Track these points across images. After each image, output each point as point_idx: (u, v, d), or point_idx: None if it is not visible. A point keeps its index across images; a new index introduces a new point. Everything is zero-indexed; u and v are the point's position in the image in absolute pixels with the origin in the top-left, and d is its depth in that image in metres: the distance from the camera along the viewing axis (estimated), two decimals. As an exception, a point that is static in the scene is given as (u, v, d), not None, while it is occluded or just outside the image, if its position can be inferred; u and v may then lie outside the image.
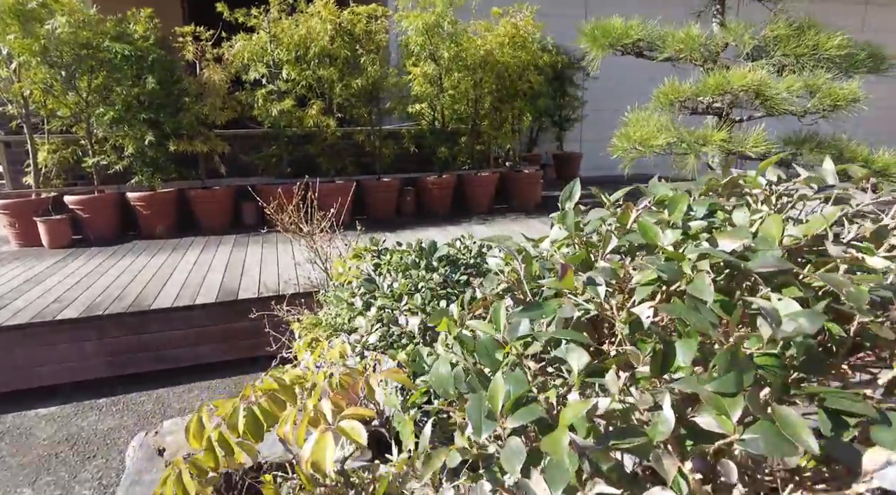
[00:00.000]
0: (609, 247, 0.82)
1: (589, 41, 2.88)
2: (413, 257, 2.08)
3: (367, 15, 5.22)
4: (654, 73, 9.60)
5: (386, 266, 2.10)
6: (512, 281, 0.89)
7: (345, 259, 2.26)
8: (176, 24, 5.00)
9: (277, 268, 3.91)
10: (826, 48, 2.38)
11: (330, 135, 5.28)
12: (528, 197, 6.18)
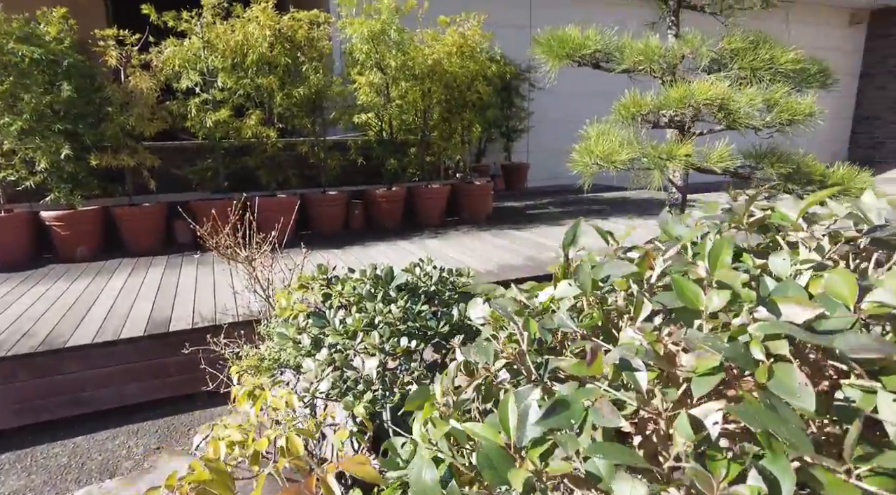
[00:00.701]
0: (643, 314, 0.66)
1: (545, 51, 2.78)
2: (368, 287, 1.88)
3: (308, 21, 4.97)
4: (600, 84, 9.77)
5: (337, 297, 1.88)
6: (512, 355, 0.72)
7: (289, 290, 2.02)
8: (99, 26, 4.56)
9: (214, 294, 3.58)
10: (781, 62, 2.37)
11: (270, 146, 4.98)
12: (479, 209, 6.07)
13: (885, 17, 11.42)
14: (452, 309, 1.85)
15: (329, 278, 2.03)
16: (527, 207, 7.04)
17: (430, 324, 1.75)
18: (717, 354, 0.53)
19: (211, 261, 4.48)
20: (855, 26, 11.63)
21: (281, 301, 1.96)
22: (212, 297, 3.48)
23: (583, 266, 0.77)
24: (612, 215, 6.26)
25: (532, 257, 4.33)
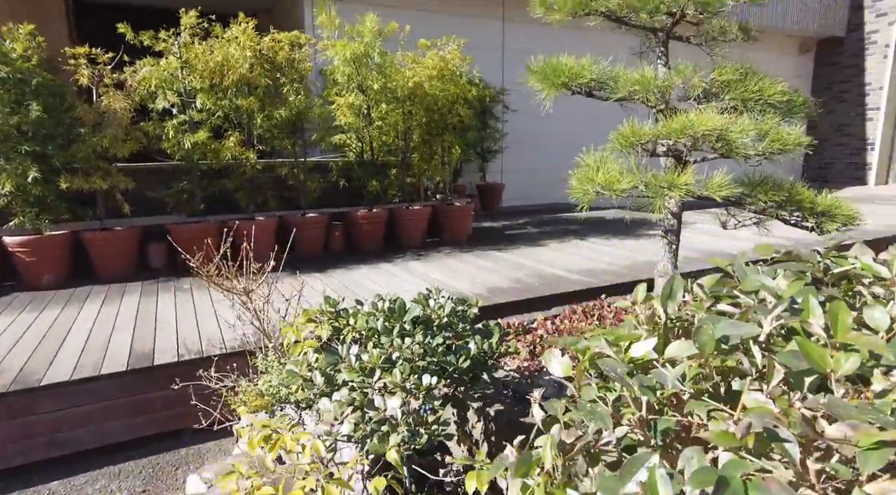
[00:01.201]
0: (776, 379, 0.65)
1: (540, 80, 2.82)
2: (382, 320, 1.83)
3: (289, 42, 4.92)
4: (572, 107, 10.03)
5: (350, 332, 1.83)
6: (634, 422, 0.69)
7: (297, 324, 1.96)
8: (60, 44, 4.41)
9: (197, 322, 3.45)
10: (769, 94, 2.46)
11: (250, 168, 4.87)
12: (460, 230, 6.07)
13: (830, 47, 12.12)
14: (469, 342, 1.82)
15: (338, 311, 1.98)
16: (505, 227, 7.08)
17: (449, 359, 1.71)
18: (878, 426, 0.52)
19: (189, 286, 4.32)
20: (805, 54, 12.30)
21: (289, 336, 1.89)
22: (195, 327, 3.34)
23: (703, 326, 0.75)
24: (588, 235, 6.36)
25: (518, 279, 4.34)
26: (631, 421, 0.69)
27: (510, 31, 8.92)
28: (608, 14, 2.79)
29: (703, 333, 0.73)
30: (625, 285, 4.24)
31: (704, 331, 0.73)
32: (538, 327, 2.94)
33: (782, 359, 0.65)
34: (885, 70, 11.15)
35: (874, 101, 11.42)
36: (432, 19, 8.01)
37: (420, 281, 4.35)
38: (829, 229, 2.46)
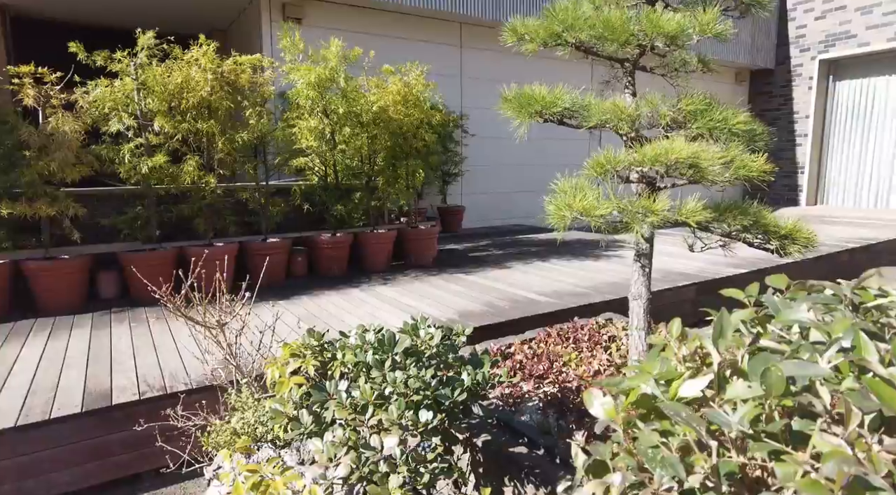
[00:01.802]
0: (854, 422, 0.65)
1: (513, 109, 2.86)
2: (371, 353, 1.77)
3: (250, 65, 4.83)
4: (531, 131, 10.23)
5: (339, 367, 1.76)
6: (706, 470, 0.67)
7: (280, 362, 1.87)
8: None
9: (157, 355, 3.25)
10: (734, 123, 2.58)
11: (209, 193, 4.70)
12: (425, 253, 6.05)
13: (762, 78, 12.98)
14: (462, 373, 1.78)
15: (323, 344, 1.90)
16: (468, 250, 7.11)
17: (444, 392, 1.67)
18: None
19: (144, 316, 4.09)
20: (740, 84, 13.11)
21: (272, 373, 1.80)
22: (156, 361, 3.15)
23: (772, 369, 0.74)
24: (550, 257, 6.46)
25: (489, 303, 4.34)
26: (704, 468, 0.67)
27: (468, 59, 9.11)
28: (578, 45, 2.88)
29: (772, 374, 0.73)
30: (592, 306, 4.31)
31: (773, 372, 0.73)
32: (516, 352, 2.93)
33: (852, 399, 0.65)
34: (810, 100, 12.00)
35: (802, 128, 12.26)
36: (394, 45, 8.09)
37: (391, 306, 4.28)
38: (790, 251, 2.58)
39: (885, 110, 11.18)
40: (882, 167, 11.30)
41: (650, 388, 0.81)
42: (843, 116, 11.87)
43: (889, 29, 10.61)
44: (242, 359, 2.43)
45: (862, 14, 10.96)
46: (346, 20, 7.75)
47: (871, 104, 11.39)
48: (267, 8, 7.27)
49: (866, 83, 11.40)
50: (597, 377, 2.58)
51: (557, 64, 9.73)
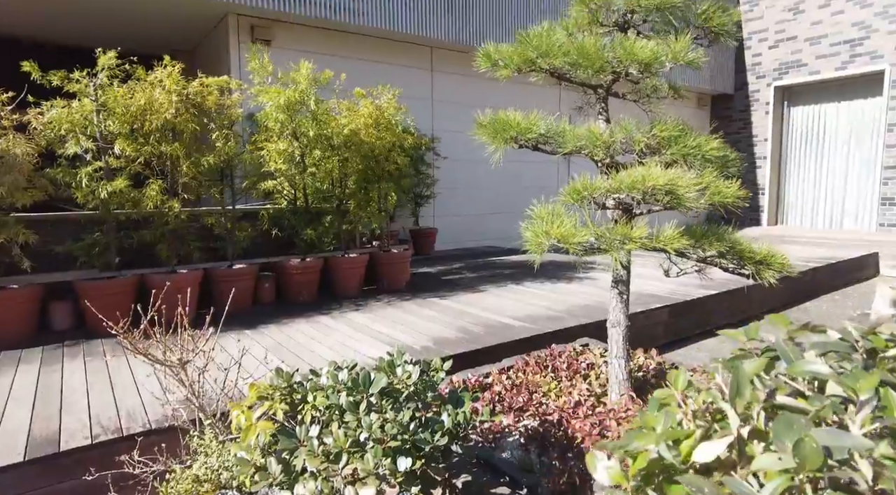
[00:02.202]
0: None
1: (488, 134, 2.83)
2: (345, 395, 1.66)
3: (218, 87, 4.72)
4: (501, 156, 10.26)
5: (310, 411, 1.64)
6: None
7: (245, 405, 1.74)
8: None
9: (113, 394, 3.05)
10: (707, 149, 2.60)
11: (173, 218, 4.52)
12: (398, 277, 5.94)
13: (722, 102, 13.45)
14: (442, 414, 1.69)
15: (292, 385, 1.79)
16: (441, 273, 7.03)
17: (423, 436, 1.58)
18: None
19: (100, 349, 3.86)
20: (702, 108, 13.56)
21: (240, 418, 1.67)
22: (112, 399, 2.95)
23: (805, 440, 0.68)
24: (523, 279, 6.43)
25: (464, 329, 4.26)
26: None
27: (439, 82, 9.16)
28: (552, 71, 2.88)
29: (806, 446, 0.66)
30: (567, 331, 4.28)
31: (807, 443, 0.67)
32: (494, 382, 2.85)
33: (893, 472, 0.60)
34: (768, 125, 12.49)
35: (761, 151, 12.71)
36: (365, 68, 8.07)
37: (362, 334, 4.15)
38: (765, 276, 2.59)
39: (835, 135, 11.70)
40: (835, 190, 11.77)
41: (662, 452, 0.74)
42: (798, 141, 12.37)
43: (836, 58, 11.16)
44: (206, 398, 2.28)
45: (811, 44, 11.52)
46: (315, 43, 7.71)
47: (822, 129, 11.90)
48: (235, 29, 7.17)
49: (818, 109, 11.93)
50: (577, 408, 2.51)
51: (529, 88, 9.87)
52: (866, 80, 11.00)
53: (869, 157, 11.13)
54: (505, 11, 9.01)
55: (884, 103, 10.63)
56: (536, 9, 9.39)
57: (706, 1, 2.77)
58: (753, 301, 6.03)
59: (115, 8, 6.78)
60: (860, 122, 11.28)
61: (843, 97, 11.51)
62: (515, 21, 9.12)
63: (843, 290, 7.33)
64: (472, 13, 8.63)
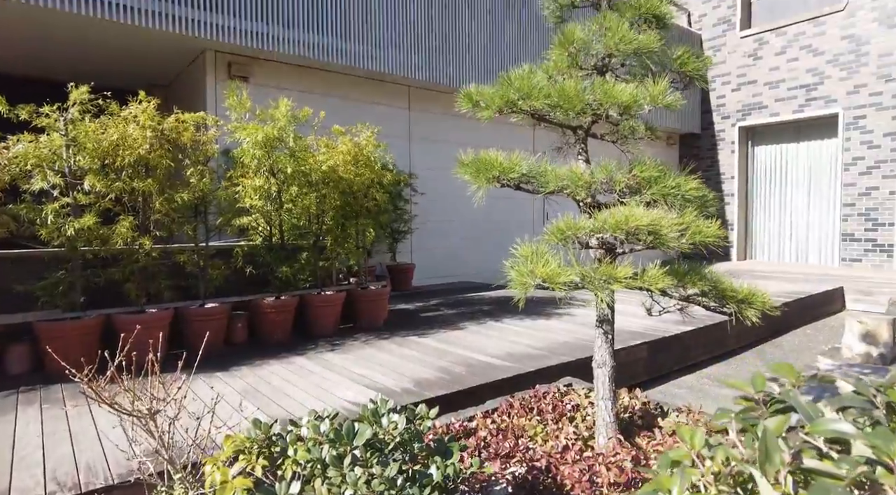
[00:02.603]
0: None
1: (471, 174, 2.83)
2: (328, 448, 1.57)
3: (194, 123, 4.66)
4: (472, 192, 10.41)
5: (291, 466, 1.54)
6: None
7: (223, 458, 1.63)
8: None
9: (72, 445, 2.85)
10: (686, 189, 2.64)
11: (143, 256, 4.36)
12: (376, 315, 5.84)
13: (690, 141, 13.94)
14: (430, 467, 1.61)
15: (271, 437, 1.68)
16: (419, 310, 6.94)
17: (412, 492, 1.49)
18: None
19: (60, 395, 3.64)
20: (671, 146, 14.02)
21: (214, 474, 1.56)
22: (70, 452, 2.75)
23: None
24: (502, 316, 6.40)
25: (444, 369, 4.17)
26: None
27: (416, 120, 9.28)
28: (532, 113, 2.92)
29: None
30: (550, 369, 4.22)
31: None
32: (479, 427, 2.76)
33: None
34: (734, 163, 12.95)
35: (729, 188, 13.14)
36: (343, 105, 8.14)
37: (340, 377, 4.02)
38: (748, 315, 2.60)
39: (796, 174, 12.19)
40: (799, 227, 12.18)
41: None
42: (762, 178, 12.84)
43: (794, 102, 11.74)
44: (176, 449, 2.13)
45: (770, 88, 12.11)
46: (293, 80, 7.75)
47: (785, 168, 12.40)
48: (212, 66, 7.16)
49: (780, 148, 12.46)
50: (565, 453, 2.44)
51: (505, 128, 10.08)
52: (822, 123, 11.57)
53: (828, 195, 11.60)
54: (482, 53, 9.25)
55: (839, 144, 11.15)
56: (513, 51, 9.67)
57: (680, 47, 2.87)
58: (730, 336, 6.09)
59: (91, 41, 6.72)
60: (818, 162, 11.80)
61: (801, 138, 12.05)
62: (493, 62, 9.37)
63: (814, 324, 7.49)
64: (451, 55, 8.83)
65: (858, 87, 10.85)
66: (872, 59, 10.68)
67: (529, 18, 9.91)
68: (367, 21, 7.82)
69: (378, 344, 5.06)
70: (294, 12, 7.12)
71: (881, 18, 10.57)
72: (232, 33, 6.66)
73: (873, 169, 10.74)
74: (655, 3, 2.70)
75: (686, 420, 2.76)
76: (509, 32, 9.62)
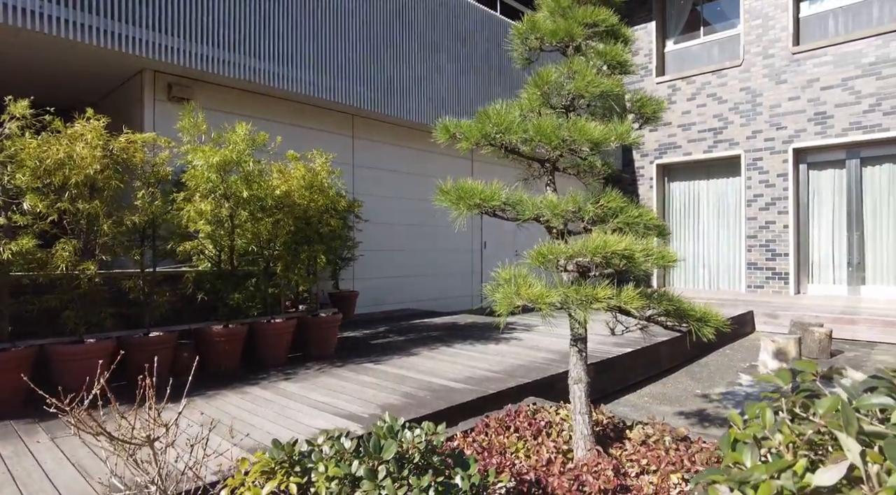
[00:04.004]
0: None
1: (451, 201, 2.96)
2: (357, 463, 1.60)
3: (142, 143, 4.48)
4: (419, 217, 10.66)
5: (323, 484, 1.55)
6: None
7: (250, 480, 1.60)
8: None
9: (17, 487, 2.60)
10: (647, 219, 2.92)
11: (86, 282, 4.09)
12: (326, 343, 5.74)
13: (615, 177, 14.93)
14: (455, 478, 1.67)
15: (298, 456, 1.68)
16: (367, 337, 6.89)
17: (446, 500, 1.55)
18: None
19: (13, 432, 3.29)
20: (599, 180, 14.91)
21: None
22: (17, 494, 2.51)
23: None
24: (452, 342, 6.49)
25: (408, 394, 4.19)
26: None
27: (359, 147, 9.35)
28: (506, 146, 3.12)
29: None
30: (510, 391, 4.35)
31: None
32: (461, 446, 2.82)
33: None
34: (653, 197, 14.02)
35: (648, 220, 14.13)
36: (286, 130, 8.06)
37: (301, 405, 3.93)
38: (705, 333, 2.88)
39: (707, 208, 13.39)
40: (710, 256, 13.32)
41: (784, 481, 0.83)
42: (678, 212, 13.97)
43: (704, 143, 12.99)
44: (170, 479, 2.04)
45: (683, 130, 13.33)
46: (236, 103, 7.62)
47: (697, 203, 13.59)
48: (151, 86, 6.91)
49: (692, 185, 13.66)
50: (550, 466, 2.56)
51: (441, 158, 10.39)
52: (727, 163, 12.85)
53: (735, 228, 12.82)
54: (426, 84, 9.54)
55: (742, 182, 12.42)
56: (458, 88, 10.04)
57: (638, 92, 3.21)
58: (662, 357, 6.54)
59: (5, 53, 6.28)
60: (725, 198, 13.05)
61: (710, 176, 13.30)
62: (437, 93, 9.67)
63: (731, 345, 8.18)
64: (393, 84, 9.04)
65: (755, 132, 12.21)
66: (765, 109, 12.09)
67: (471, 59, 10.38)
68: (314, 49, 7.88)
69: (333, 371, 4.98)
70: (239, 36, 7.06)
71: (770, 75, 12.03)
72: (175, 53, 6.48)
73: (770, 205, 12.03)
74: (619, 51, 3.01)
75: (653, 431, 2.98)
76: (453, 70, 10.01)
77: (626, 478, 2.43)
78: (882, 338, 8.05)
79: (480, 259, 11.63)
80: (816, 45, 11.41)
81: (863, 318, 8.34)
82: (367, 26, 8.63)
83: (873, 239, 11.09)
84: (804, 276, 11.89)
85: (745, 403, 5.27)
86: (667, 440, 2.83)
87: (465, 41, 10.34)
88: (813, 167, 11.83)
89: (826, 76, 11.28)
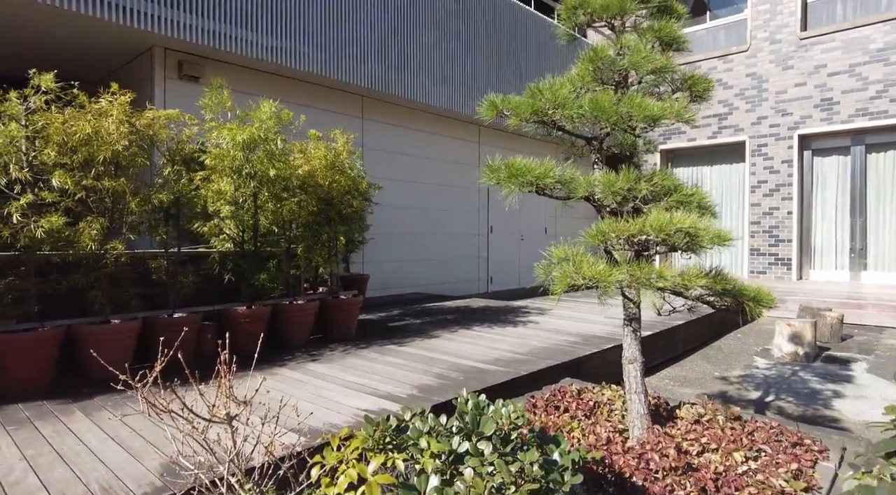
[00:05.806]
0: None
1: (502, 179, 2.91)
2: (458, 439, 1.57)
3: (166, 119, 4.37)
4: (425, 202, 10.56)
5: (429, 461, 1.52)
6: None
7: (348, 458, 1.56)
8: None
9: (69, 467, 2.55)
10: (700, 199, 2.89)
11: (112, 261, 4.00)
12: (348, 325, 5.71)
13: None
14: (554, 454, 1.65)
15: (397, 426, 1.65)
16: (384, 320, 6.86)
17: (553, 476, 1.52)
18: None
19: (24, 416, 3.23)
20: (599, 166, 14.89)
21: (350, 474, 1.49)
22: (69, 474, 2.46)
23: None
24: (471, 324, 6.48)
25: (440, 375, 4.17)
26: None
27: (369, 129, 9.23)
28: (555, 123, 3.06)
29: None
30: (540, 373, 4.35)
31: None
32: (515, 426, 2.81)
33: None
34: (656, 182, 13.99)
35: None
36: (295, 111, 7.91)
37: (336, 385, 3.90)
38: (756, 312, 2.87)
39: (711, 194, 13.41)
40: (714, 240, 13.37)
41: None
42: (680, 197, 13.98)
43: (708, 129, 12.97)
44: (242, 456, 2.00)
45: (688, 115, 13.30)
46: (247, 83, 7.46)
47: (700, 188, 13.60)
48: (161, 63, 6.74)
49: (696, 170, 13.67)
50: (609, 445, 2.56)
51: (447, 141, 10.29)
52: (732, 149, 12.86)
53: (738, 214, 12.87)
54: (436, 66, 9.40)
55: (746, 168, 12.45)
56: (470, 71, 9.91)
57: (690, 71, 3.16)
58: (679, 341, 6.58)
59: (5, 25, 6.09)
60: (729, 184, 13.08)
61: (715, 161, 13.32)
62: (446, 75, 9.55)
63: (742, 329, 8.26)
64: (404, 64, 8.90)
65: (760, 118, 12.22)
66: (771, 95, 12.08)
67: (481, 42, 10.24)
68: (327, 27, 7.73)
69: (358, 353, 4.95)
70: (252, 12, 6.89)
71: (777, 60, 12.00)
72: (185, 29, 6.32)
73: (774, 192, 12.09)
74: (673, 29, 2.96)
75: (704, 410, 2.99)
76: (463, 52, 9.87)
77: (689, 457, 2.43)
78: (890, 323, 8.15)
79: (487, 243, 11.59)
80: (824, 31, 11.39)
81: (870, 303, 8.44)
82: (379, 5, 8.46)
83: (876, 225, 11.19)
84: (806, 262, 11.99)
85: (763, 386, 5.32)
86: (720, 419, 2.84)
87: (475, 24, 10.19)
88: (818, 153, 11.87)
89: (833, 62, 11.27)
